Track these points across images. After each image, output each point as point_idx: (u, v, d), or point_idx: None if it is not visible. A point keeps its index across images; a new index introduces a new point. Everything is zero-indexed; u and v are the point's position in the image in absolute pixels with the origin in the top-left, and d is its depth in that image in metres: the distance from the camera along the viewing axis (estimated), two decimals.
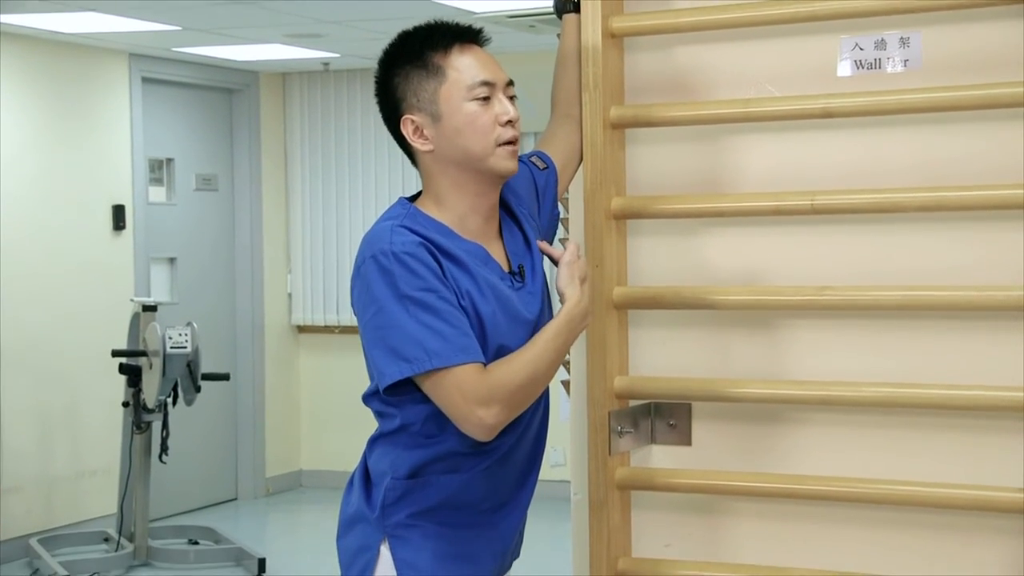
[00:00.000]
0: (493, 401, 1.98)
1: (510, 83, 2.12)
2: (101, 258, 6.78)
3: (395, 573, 2.06)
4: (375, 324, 2.01)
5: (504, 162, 2.09)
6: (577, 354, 2.54)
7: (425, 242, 2.02)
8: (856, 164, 2.36)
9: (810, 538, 2.40)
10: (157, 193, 7.23)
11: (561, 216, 2.46)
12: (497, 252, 2.15)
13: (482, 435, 2.00)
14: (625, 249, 2.49)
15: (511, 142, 2.10)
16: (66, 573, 5.63)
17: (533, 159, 2.30)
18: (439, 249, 2.04)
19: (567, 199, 2.59)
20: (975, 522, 2.28)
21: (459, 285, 2.04)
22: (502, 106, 2.09)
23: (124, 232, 6.90)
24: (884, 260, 2.34)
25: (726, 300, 2.42)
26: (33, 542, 6.17)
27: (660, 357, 2.49)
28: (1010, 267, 2.24)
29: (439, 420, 2.06)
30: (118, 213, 6.82)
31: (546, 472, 2.26)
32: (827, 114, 2.32)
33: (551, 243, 2.34)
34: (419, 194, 2.17)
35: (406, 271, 1.99)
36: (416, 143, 2.11)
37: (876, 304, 2.31)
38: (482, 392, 1.97)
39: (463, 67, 2.08)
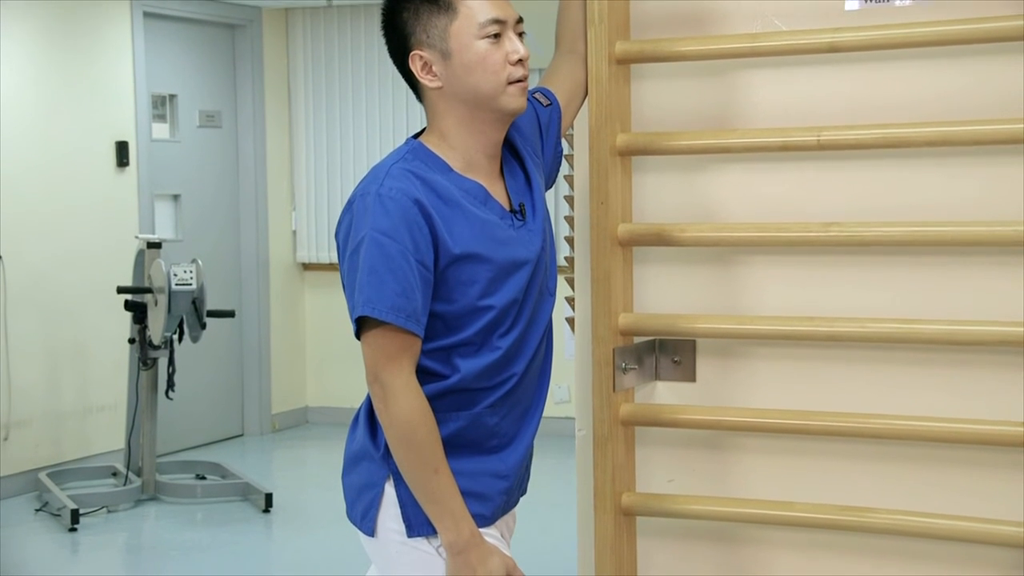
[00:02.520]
0: (384, 386, 2.00)
1: (519, 20, 2.11)
2: (105, 194, 6.77)
3: (399, 511, 2.07)
4: (351, 264, 2.02)
5: (514, 100, 2.08)
6: (582, 291, 2.54)
7: (419, 200, 2.01)
8: (863, 99, 2.34)
9: (814, 473, 2.41)
10: (160, 130, 7.20)
11: (565, 153, 2.45)
12: (498, 191, 2.14)
13: (375, 400, 2.02)
14: (630, 186, 2.48)
15: (521, 80, 2.09)
16: (75, 506, 5.69)
17: (537, 95, 2.29)
18: (436, 192, 2.03)
19: (571, 135, 2.58)
20: (978, 456, 2.30)
21: (453, 229, 2.03)
22: (512, 44, 2.08)
23: (128, 169, 6.88)
24: (890, 196, 2.33)
25: (731, 237, 2.41)
26: (42, 476, 6.23)
27: (665, 294, 2.49)
28: (1018, 202, 2.23)
29: (443, 357, 2.06)
30: (121, 150, 6.80)
31: (551, 409, 2.27)
32: (833, 48, 2.30)
33: (554, 179, 2.33)
34: (424, 130, 2.16)
35: (383, 214, 1.99)
36: (424, 79, 2.09)
37: (882, 240, 2.31)
38: (389, 355, 1.99)
39: (474, 4, 2.06)
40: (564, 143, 2.37)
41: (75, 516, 5.64)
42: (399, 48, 2.10)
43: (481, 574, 2.00)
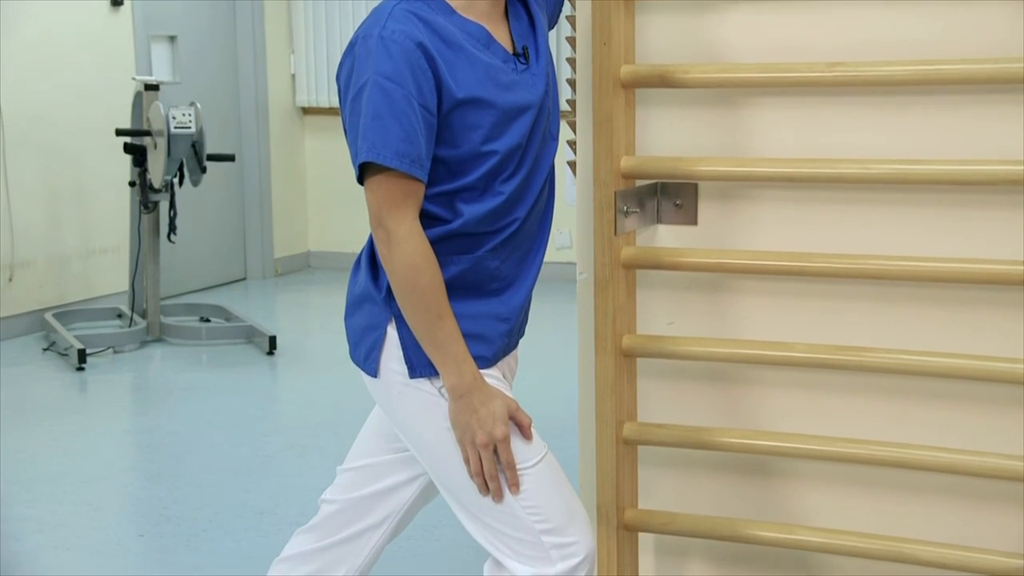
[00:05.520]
0: (388, 232, 1.99)
1: None
2: (100, 35, 6.68)
3: (401, 352, 2.10)
4: (354, 109, 2.00)
5: None
6: (583, 135, 2.53)
7: (422, 43, 1.97)
8: None
9: (813, 314, 2.43)
10: None
11: None
12: (501, 34, 2.11)
13: (379, 245, 2.02)
14: (633, 26, 2.44)
15: None
16: (82, 347, 5.76)
17: None
18: (439, 35, 2.00)
19: None
20: (977, 295, 2.31)
21: (456, 73, 2.00)
22: None
23: (122, 8, 6.77)
24: (896, 34, 2.29)
25: (735, 78, 2.38)
26: (48, 316, 6.30)
27: (667, 137, 2.48)
28: (1021, 38, 2.20)
29: (446, 202, 2.06)
30: None
31: (552, 254, 2.27)
32: None
33: (556, 20, 2.29)
34: None
35: (386, 57, 1.96)
36: None
37: (887, 80, 2.28)
38: (393, 201, 1.98)
39: None
40: None
41: (82, 356, 5.72)
42: None
43: (483, 415, 2.03)
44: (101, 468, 4.40)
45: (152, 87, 6.08)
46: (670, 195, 2.50)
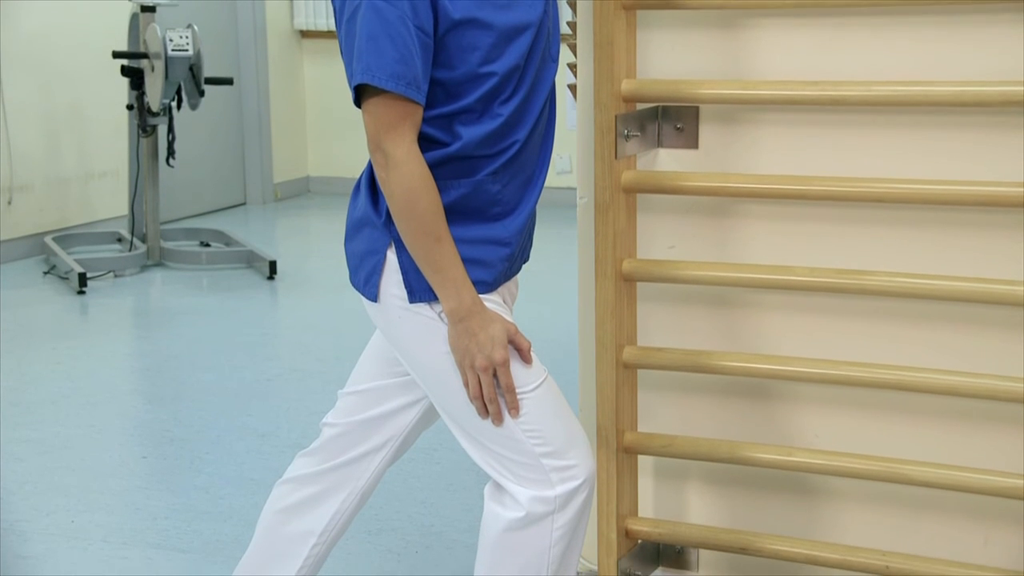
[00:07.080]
0: (386, 155, 1.97)
1: None
2: None
3: (401, 277, 2.09)
4: (349, 31, 1.97)
5: None
6: (584, 57, 2.50)
7: None
8: None
9: (814, 237, 2.43)
10: None
11: None
12: None
13: (377, 169, 2.00)
14: None
15: None
16: (83, 270, 5.77)
17: None
18: None
19: None
20: (977, 217, 2.31)
21: None
22: None
23: None
24: None
25: (735, 0, 2.36)
26: (48, 240, 6.30)
27: (668, 59, 2.45)
28: None
29: (444, 124, 2.04)
30: None
31: (552, 179, 2.26)
32: None
33: None
34: None
35: None
36: None
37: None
38: (391, 124, 1.96)
39: None
40: None
41: (83, 279, 5.73)
42: None
43: (482, 339, 2.03)
44: (103, 391, 4.42)
45: (149, 9, 6.02)
46: (671, 118, 2.48)
